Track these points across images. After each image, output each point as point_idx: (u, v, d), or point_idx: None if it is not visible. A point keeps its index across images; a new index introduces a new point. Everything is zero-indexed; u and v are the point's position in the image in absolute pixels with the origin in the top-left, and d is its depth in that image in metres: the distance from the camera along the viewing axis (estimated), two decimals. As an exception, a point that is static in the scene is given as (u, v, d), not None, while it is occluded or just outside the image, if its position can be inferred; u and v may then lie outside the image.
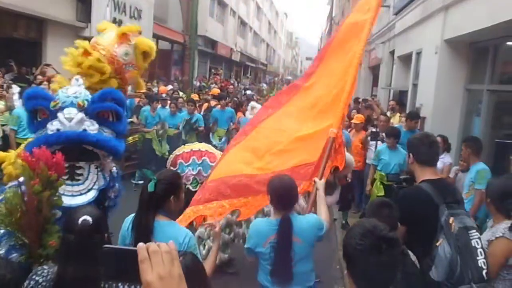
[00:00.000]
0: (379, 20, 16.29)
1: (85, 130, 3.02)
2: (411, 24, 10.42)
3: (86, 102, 3.06)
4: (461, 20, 7.17)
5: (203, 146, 6.03)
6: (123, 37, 3.60)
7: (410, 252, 2.57)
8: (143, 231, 2.48)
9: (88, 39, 3.90)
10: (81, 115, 3.03)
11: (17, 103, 7.30)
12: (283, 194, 2.90)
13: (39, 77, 9.80)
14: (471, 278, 2.40)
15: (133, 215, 2.63)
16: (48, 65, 11.04)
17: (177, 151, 5.94)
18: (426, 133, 3.39)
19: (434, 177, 2.88)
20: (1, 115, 7.25)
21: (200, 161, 5.76)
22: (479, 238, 2.54)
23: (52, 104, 3.00)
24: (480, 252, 2.47)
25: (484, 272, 2.43)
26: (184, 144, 6.91)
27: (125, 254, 1.04)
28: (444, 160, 5.94)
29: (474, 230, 2.54)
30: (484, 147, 5.46)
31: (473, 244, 2.48)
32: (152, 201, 2.52)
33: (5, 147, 5.87)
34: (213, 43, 27.70)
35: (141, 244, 1.00)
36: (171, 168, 5.75)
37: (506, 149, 5.82)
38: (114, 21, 14.23)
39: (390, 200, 2.91)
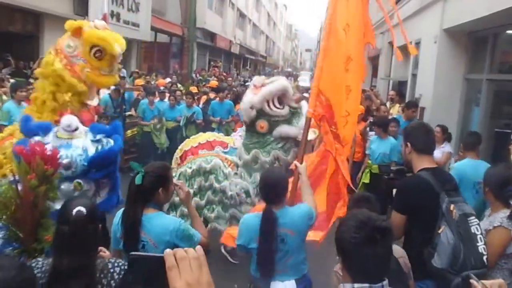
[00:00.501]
0: (377, 11, 16.17)
1: None
2: (410, 14, 10.35)
3: (81, 186, 3.03)
4: (459, 10, 7.11)
5: (210, 136, 5.46)
6: (76, 31, 3.46)
7: (395, 247, 2.54)
8: (131, 224, 2.47)
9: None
10: (77, 193, 3.02)
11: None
12: (268, 186, 2.87)
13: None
14: (474, 264, 2.41)
15: (123, 209, 2.62)
16: (45, 59, 10.96)
17: (185, 146, 5.36)
18: (422, 122, 3.38)
19: (432, 166, 2.87)
20: None
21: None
22: (478, 224, 2.55)
23: None
24: (480, 239, 2.48)
25: (484, 257, 2.45)
26: (185, 139, 6.77)
27: (153, 261, 1.04)
28: (444, 149, 5.96)
29: (473, 217, 2.55)
30: (484, 137, 5.43)
31: (473, 231, 2.49)
32: (140, 194, 2.50)
33: None
34: (212, 36, 27.58)
35: (168, 251, 0.99)
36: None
37: (506, 138, 5.80)
38: (112, 14, 14.16)
39: (373, 191, 2.88)
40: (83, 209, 1.93)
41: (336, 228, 1.73)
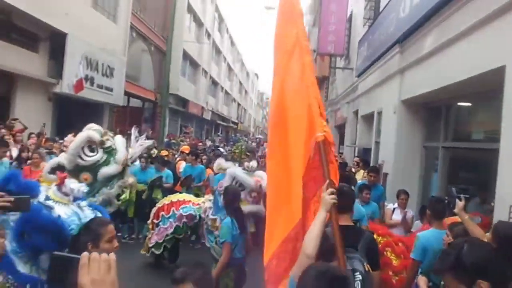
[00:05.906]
0: (343, 82, 17.09)
1: None
2: (372, 85, 10.99)
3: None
4: (415, 82, 7.67)
5: (182, 197, 6.59)
6: None
7: None
8: None
9: (59, 95, 3.89)
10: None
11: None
12: None
13: (2, 131, 9.70)
14: None
15: None
16: (15, 119, 10.97)
17: (160, 204, 6.53)
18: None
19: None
20: None
21: (178, 211, 6.27)
22: (360, 280, 2.60)
23: None
24: None
25: None
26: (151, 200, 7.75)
27: (71, 260, 1.20)
28: (409, 214, 6.48)
29: (358, 273, 2.62)
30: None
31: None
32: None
33: None
34: (184, 102, 28.15)
35: (85, 253, 1.16)
36: (154, 220, 6.40)
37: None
38: (86, 78, 14.43)
39: None
40: None
41: (298, 279, 1.80)
